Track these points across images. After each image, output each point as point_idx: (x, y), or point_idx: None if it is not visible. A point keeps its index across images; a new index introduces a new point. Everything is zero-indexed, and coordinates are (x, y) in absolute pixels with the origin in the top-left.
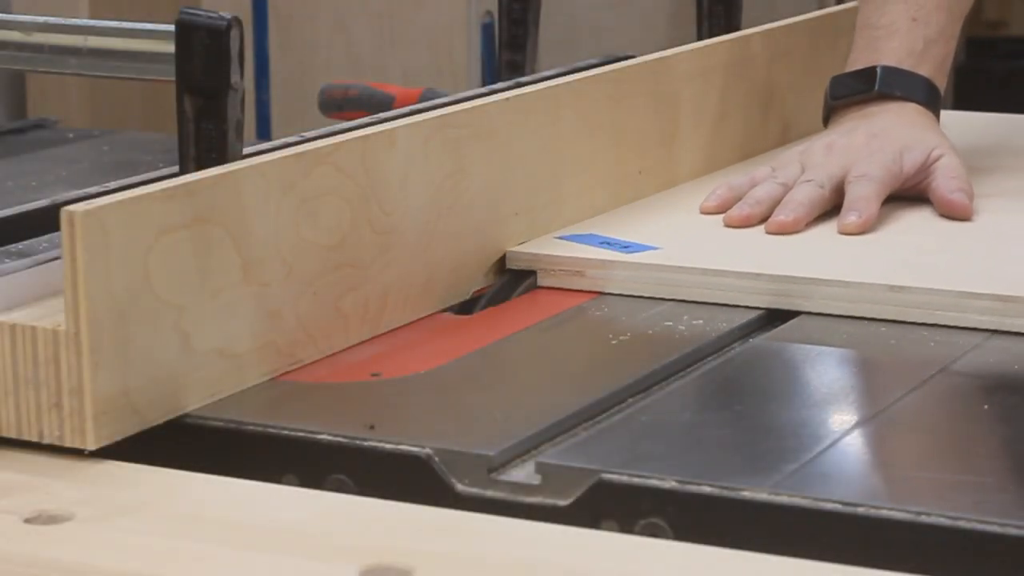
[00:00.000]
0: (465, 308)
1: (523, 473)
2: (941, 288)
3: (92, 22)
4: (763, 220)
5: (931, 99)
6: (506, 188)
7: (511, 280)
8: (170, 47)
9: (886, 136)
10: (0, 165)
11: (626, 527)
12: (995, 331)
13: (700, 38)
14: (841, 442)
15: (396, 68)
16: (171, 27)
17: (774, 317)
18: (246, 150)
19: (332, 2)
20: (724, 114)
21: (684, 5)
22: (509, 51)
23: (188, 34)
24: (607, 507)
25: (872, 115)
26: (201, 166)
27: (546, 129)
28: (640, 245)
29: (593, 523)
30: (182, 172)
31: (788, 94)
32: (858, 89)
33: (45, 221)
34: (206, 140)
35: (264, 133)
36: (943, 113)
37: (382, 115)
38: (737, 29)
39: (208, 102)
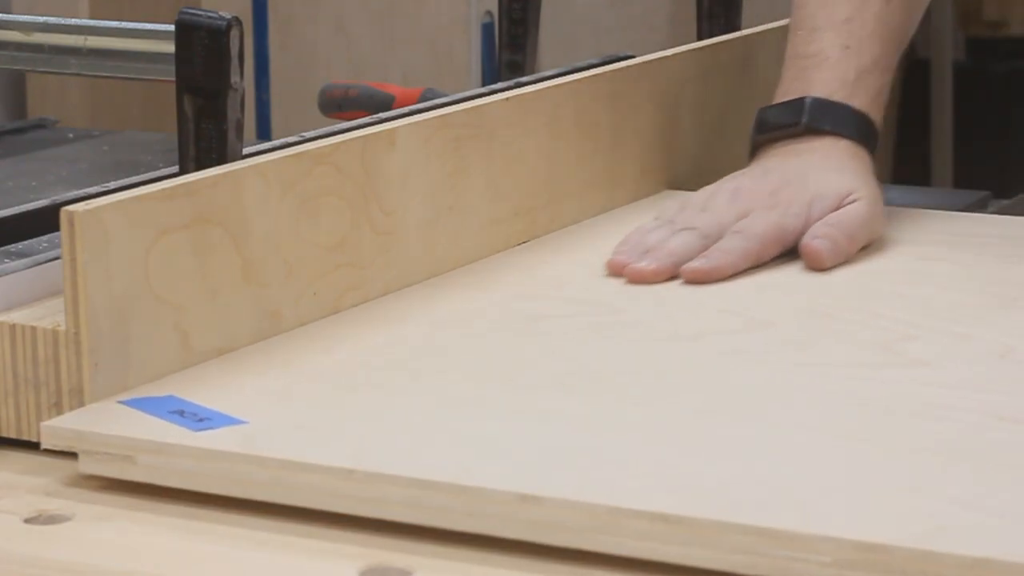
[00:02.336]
0: None
1: None
2: (587, 500)
3: (92, 22)
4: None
5: (864, 134)
6: (506, 188)
7: None
8: (170, 47)
9: (799, 183)
10: (0, 165)
11: None
12: (661, 564)
13: (700, 38)
14: None
15: (396, 68)
16: (171, 27)
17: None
18: (246, 150)
19: (332, 2)
20: (724, 114)
21: (684, 5)
22: (509, 51)
23: (188, 34)
24: None
25: (797, 154)
26: (201, 166)
27: (546, 129)
28: (224, 417)
29: None
30: (182, 172)
31: None
32: (785, 123)
33: (45, 221)
34: (206, 140)
35: (264, 133)
36: None
37: (382, 115)
38: (737, 29)
39: (208, 102)
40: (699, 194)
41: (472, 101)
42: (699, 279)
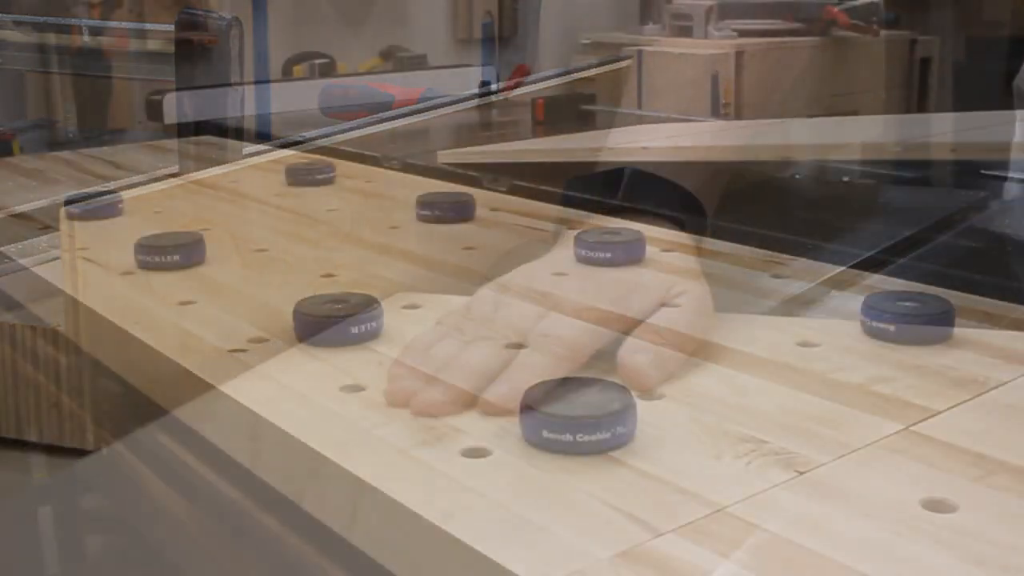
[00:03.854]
0: None
1: None
2: None
3: (93, 22)
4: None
5: (690, 212)
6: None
7: None
8: (170, 47)
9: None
10: (0, 165)
11: None
12: None
13: None
14: None
15: None
16: (171, 27)
17: None
18: (246, 150)
19: None
20: None
21: None
22: (509, 51)
23: (188, 34)
24: None
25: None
26: (200, 166)
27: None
28: None
29: None
30: (182, 171)
31: None
32: (597, 198)
33: (45, 221)
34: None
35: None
36: None
37: (382, 115)
38: None
39: (208, 102)
40: (490, 286)
41: (467, 102)
42: (495, 411)
